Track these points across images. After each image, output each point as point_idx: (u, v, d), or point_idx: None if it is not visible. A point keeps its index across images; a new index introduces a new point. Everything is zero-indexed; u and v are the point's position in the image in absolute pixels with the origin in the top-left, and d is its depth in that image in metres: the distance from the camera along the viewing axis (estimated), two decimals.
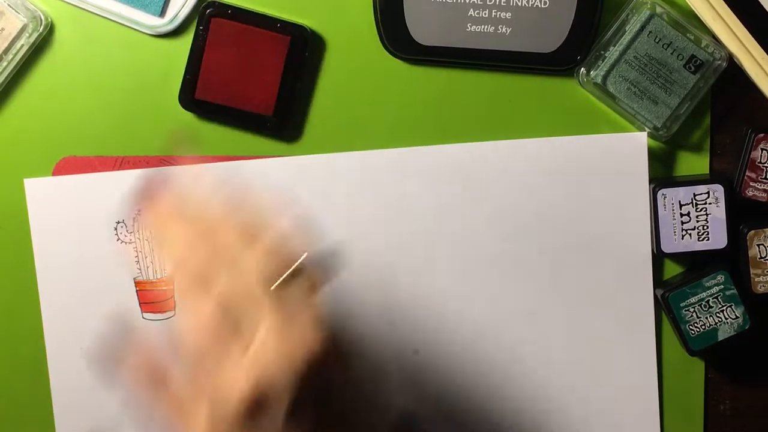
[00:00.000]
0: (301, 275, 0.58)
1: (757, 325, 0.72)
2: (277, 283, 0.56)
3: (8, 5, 0.72)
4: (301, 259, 0.58)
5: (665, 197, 0.72)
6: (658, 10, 0.71)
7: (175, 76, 0.73)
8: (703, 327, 0.72)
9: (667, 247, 0.72)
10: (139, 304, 0.75)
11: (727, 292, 0.72)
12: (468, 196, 0.74)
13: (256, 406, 0.55)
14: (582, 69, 0.72)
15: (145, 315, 0.75)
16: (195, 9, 0.73)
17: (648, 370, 0.75)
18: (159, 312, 0.75)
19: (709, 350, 0.73)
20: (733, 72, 0.71)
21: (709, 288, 0.72)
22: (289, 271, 0.57)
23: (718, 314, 0.72)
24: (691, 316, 0.72)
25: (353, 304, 0.75)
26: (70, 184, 0.74)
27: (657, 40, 0.71)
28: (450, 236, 0.74)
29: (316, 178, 0.74)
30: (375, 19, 0.73)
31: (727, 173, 0.74)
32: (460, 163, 0.74)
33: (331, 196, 0.74)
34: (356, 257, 0.74)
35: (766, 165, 0.72)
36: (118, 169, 0.74)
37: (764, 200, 0.72)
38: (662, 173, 0.74)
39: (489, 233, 0.74)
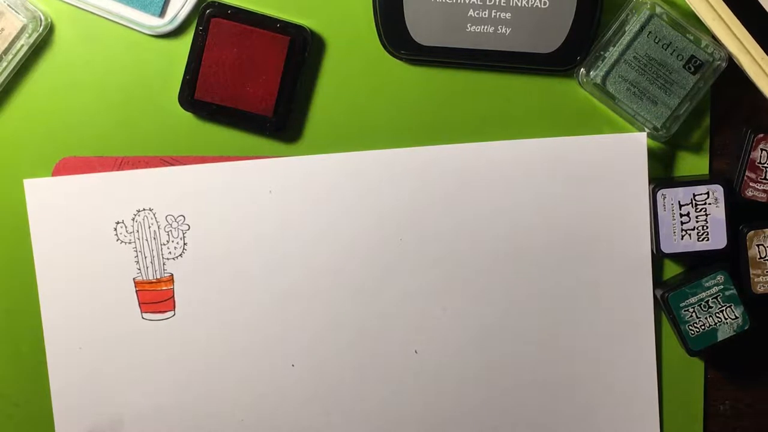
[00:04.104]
0: None
1: (757, 325, 0.72)
2: None
3: (8, 5, 0.72)
4: None
5: (665, 197, 0.72)
6: (658, 10, 0.71)
7: (175, 77, 0.73)
8: (703, 327, 0.72)
9: (666, 248, 0.72)
10: (139, 304, 0.75)
11: (727, 293, 0.72)
12: (468, 196, 0.74)
13: None
14: (582, 69, 0.72)
15: (145, 315, 0.75)
16: (195, 9, 0.73)
17: (648, 370, 0.75)
18: (158, 312, 0.75)
19: (708, 350, 0.73)
20: (733, 72, 0.71)
21: (709, 288, 0.72)
22: None
23: (717, 314, 0.72)
24: (691, 316, 0.72)
25: (352, 304, 0.75)
26: (70, 185, 0.74)
27: (657, 41, 0.71)
28: (449, 236, 0.74)
29: (316, 178, 0.74)
30: (375, 19, 0.73)
31: (726, 173, 0.74)
32: (459, 163, 0.74)
33: (331, 197, 0.74)
34: (356, 257, 0.74)
35: (765, 165, 0.72)
36: (118, 170, 0.74)
37: (764, 200, 0.72)
38: (662, 173, 0.74)
39: (488, 233, 0.74)
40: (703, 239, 0.72)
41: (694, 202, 0.71)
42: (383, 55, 0.73)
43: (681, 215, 0.72)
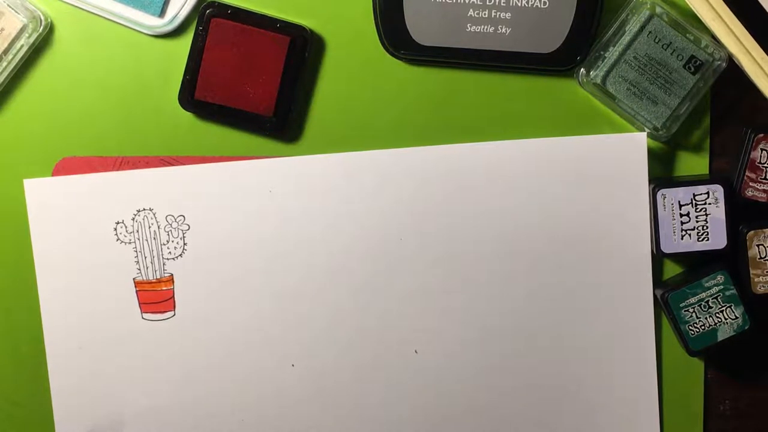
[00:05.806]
0: None
1: (757, 325, 0.72)
2: None
3: (8, 5, 0.72)
4: None
5: (665, 197, 0.72)
6: (658, 10, 0.71)
7: (175, 77, 0.73)
8: (703, 327, 0.72)
9: (666, 248, 0.72)
10: (139, 304, 0.75)
11: (727, 293, 0.72)
12: (468, 196, 0.74)
13: None
14: (582, 69, 0.72)
15: (145, 315, 0.75)
16: (195, 9, 0.73)
17: (648, 370, 0.75)
18: (158, 312, 0.75)
19: (708, 350, 0.73)
20: (733, 72, 0.71)
21: (709, 288, 0.72)
22: None
23: (717, 314, 0.72)
24: (691, 316, 0.72)
25: (352, 303, 0.75)
26: (70, 185, 0.74)
27: (657, 41, 0.71)
28: (449, 236, 0.74)
29: (316, 178, 0.74)
30: (375, 19, 0.73)
31: (726, 173, 0.74)
32: (459, 163, 0.74)
33: (331, 197, 0.74)
34: (356, 257, 0.74)
35: (765, 165, 0.72)
36: (118, 170, 0.74)
37: (764, 200, 0.72)
38: (662, 173, 0.74)
39: (488, 233, 0.74)
40: (703, 239, 0.72)
41: (694, 202, 0.71)
42: (383, 55, 0.73)
43: (681, 215, 0.72)
